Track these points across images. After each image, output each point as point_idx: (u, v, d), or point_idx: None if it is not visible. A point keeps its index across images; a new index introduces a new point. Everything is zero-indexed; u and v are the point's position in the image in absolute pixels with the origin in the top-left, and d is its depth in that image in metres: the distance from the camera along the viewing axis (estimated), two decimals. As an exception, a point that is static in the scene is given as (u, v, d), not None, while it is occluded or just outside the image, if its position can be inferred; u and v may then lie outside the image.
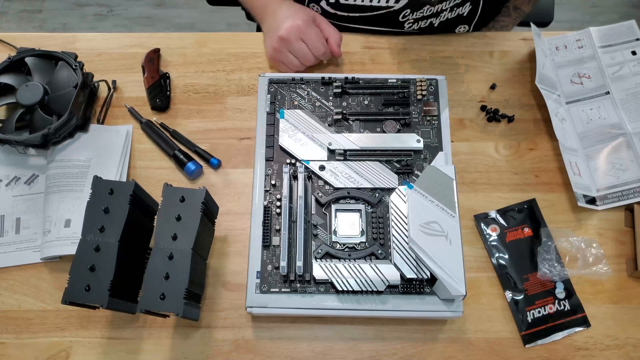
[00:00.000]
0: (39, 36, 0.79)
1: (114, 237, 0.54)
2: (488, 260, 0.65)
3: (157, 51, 0.76)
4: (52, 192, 0.66)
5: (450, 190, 0.59)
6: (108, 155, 0.69)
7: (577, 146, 0.71)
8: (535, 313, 0.62)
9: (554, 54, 0.77)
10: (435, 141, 0.67)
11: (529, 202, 0.68)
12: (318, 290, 0.59)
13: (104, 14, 1.83)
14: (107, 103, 0.74)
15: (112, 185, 0.56)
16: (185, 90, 0.75)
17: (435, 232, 0.57)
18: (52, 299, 0.63)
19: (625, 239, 0.67)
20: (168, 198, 0.57)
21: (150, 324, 0.62)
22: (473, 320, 0.62)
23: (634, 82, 0.73)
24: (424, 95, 0.69)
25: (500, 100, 0.75)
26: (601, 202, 0.67)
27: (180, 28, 1.80)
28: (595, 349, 0.61)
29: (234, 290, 0.63)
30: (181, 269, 0.53)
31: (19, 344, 0.61)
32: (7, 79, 0.69)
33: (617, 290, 0.64)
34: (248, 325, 0.62)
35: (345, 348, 0.61)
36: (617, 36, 0.76)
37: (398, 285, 0.58)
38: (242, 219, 0.67)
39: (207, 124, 0.73)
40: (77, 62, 0.70)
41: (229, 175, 0.70)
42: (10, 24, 1.81)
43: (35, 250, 0.65)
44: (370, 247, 0.60)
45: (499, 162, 0.71)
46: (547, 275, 0.63)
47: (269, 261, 0.61)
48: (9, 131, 0.67)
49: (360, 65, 0.77)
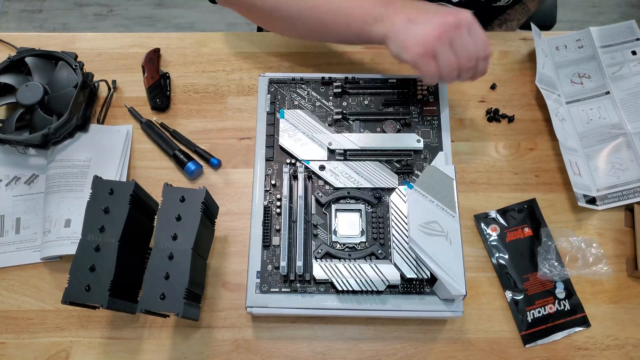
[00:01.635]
0: (39, 36, 0.79)
1: (114, 237, 0.54)
2: (488, 260, 0.65)
3: (157, 51, 0.76)
4: (52, 192, 0.66)
5: (450, 190, 0.59)
6: (108, 155, 0.69)
7: (577, 146, 0.71)
8: (535, 313, 0.62)
9: (554, 54, 0.77)
10: (435, 141, 0.67)
11: (529, 202, 0.68)
12: (318, 290, 0.59)
13: (104, 13, 1.83)
14: (107, 103, 0.74)
15: (112, 185, 0.56)
16: (185, 90, 0.75)
17: (435, 232, 0.57)
18: (52, 299, 0.63)
19: (625, 239, 0.67)
20: (168, 198, 0.57)
21: (150, 324, 0.62)
22: (473, 320, 0.62)
23: (634, 82, 0.73)
24: (424, 95, 0.69)
25: (500, 100, 0.75)
26: (601, 202, 0.67)
27: (180, 28, 1.80)
28: (596, 349, 0.61)
29: (234, 290, 0.64)
30: (181, 269, 0.53)
31: (19, 344, 0.61)
32: (7, 78, 0.69)
33: (617, 290, 0.64)
34: (248, 325, 0.62)
35: (345, 348, 0.61)
36: (617, 36, 0.76)
37: (398, 285, 0.58)
38: (242, 219, 0.67)
39: (207, 124, 0.73)
40: (77, 62, 0.70)
41: (229, 175, 0.70)
42: (10, 23, 1.81)
43: (35, 250, 0.65)
44: (370, 247, 0.60)
45: (499, 162, 0.71)
46: (547, 275, 0.63)
47: (269, 261, 0.61)
48: (9, 131, 0.67)
49: (360, 65, 0.77)
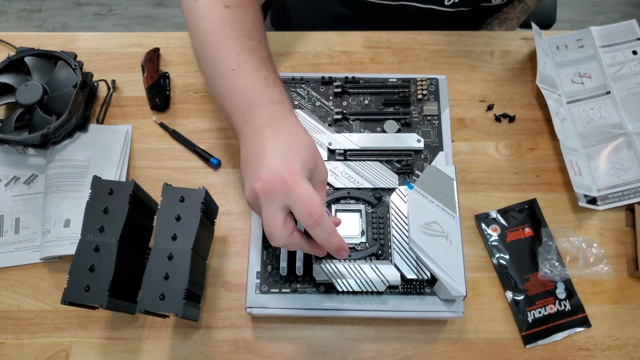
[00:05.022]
0: (38, 36, 0.79)
1: (113, 237, 0.54)
2: (488, 260, 0.65)
3: (156, 51, 0.76)
4: (51, 192, 0.66)
5: (451, 190, 0.59)
6: (107, 155, 0.69)
7: (577, 146, 0.71)
8: (536, 313, 0.62)
9: (554, 54, 0.77)
10: (436, 141, 0.66)
11: (529, 202, 0.68)
12: (318, 291, 0.59)
13: (104, 13, 1.83)
14: (106, 103, 0.74)
15: (111, 185, 0.56)
16: (185, 89, 0.75)
17: (436, 232, 0.57)
18: (51, 299, 0.63)
19: (626, 239, 0.67)
20: (167, 198, 0.56)
21: (150, 324, 0.62)
22: (473, 321, 0.62)
23: (635, 82, 0.73)
24: (425, 95, 0.69)
25: (501, 99, 0.74)
26: (602, 202, 0.67)
27: (180, 27, 1.79)
28: (596, 349, 0.61)
29: (234, 291, 0.63)
30: (181, 269, 0.53)
31: (18, 344, 0.61)
32: (6, 78, 0.69)
33: (618, 290, 0.64)
34: (248, 325, 0.62)
35: (345, 348, 0.61)
36: (617, 36, 0.76)
37: (398, 286, 0.58)
38: (242, 219, 0.67)
39: (207, 124, 0.73)
40: (77, 62, 0.70)
41: (229, 175, 0.70)
42: (9, 23, 1.81)
43: (35, 250, 0.65)
44: (370, 247, 0.60)
45: (499, 162, 0.71)
46: (548, 276, 0.63)
47: (269, 261, 0.60)
48: (8, 131, 0.67)
49: (360, 64, 0.77)
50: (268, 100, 0.50)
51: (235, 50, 0.53)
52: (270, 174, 0.45)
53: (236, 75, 0.52)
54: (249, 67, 0.52)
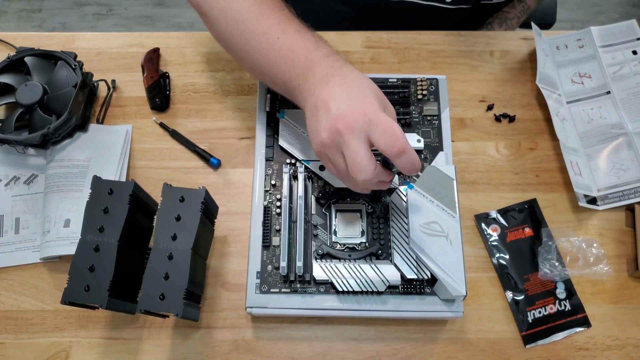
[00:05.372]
0: (38, 35, 0.79)
1: (113, 237, 0.54)
2: (488, 260, 0.65)
3: (156, 51, 0.76)
4: (51, 192, 0.66)
5: (451, 190, 0.59)
6: (107, 155, 0.69)
7: (577, 146, 0.71)
8: (536, 313, 0.62)
9: (554, 54, 0.77)
10: (436, 141, 0.66)
11: (529, 202, 0.68)
12: (318, 291, 0.59)
13: (104, 13, 1.83)
14: (106, 102, 0.74)
15: (111, 185, 0.56)
16: (185, 89, 0.75)
17: (436, 232, 0.57)
18: (51, 299, 0.63)
19: (626, 239, 0.67)
20: (167, 198, 0.56)
21: (150, 324, 0.62)
22: (473, 321, 0.62)
23: (635, 82, 0.73)
24: (425, 95, 0.69)
25: (501, 99, 0.74)
26: (602, 202, 0.67)
27: (180, 27, 1.80)
28: (596, 349, 0.61)
29: (234, 291, 0.63)
30: (181, 269, 0.53)
31: (18, 344, 0.61)
32: (6, 78, 0.69)
33: (618, 290, 0.64)
34: (248, 325, 0.62)
35: (345, 348, 0.61)
36: (617, 36, 0.76)
37: (398, 286, 0.58)
38: (242, 219, 0.67)
39: (207, 124, 0.73)
40: (77, 62, 0.70)
41: (229, 175, 0.70)
42: (9, 23, 1.81)
43: (35, 250, 0.65)
44: (370, 247, 0.60)
45: (499, 162, 0.71)
46: (548, 276, 0.63)
47: (269, 261, 0.60)
48: (8, 131, 0.67)
49: (360, 64, 0.77)
50: (323, 54, 0.53)
51: (275, 20, 0.56)
52: (350, 110, 0.48)
53: (284, 41, 0.55)
54: (293, 31, 0.55)
